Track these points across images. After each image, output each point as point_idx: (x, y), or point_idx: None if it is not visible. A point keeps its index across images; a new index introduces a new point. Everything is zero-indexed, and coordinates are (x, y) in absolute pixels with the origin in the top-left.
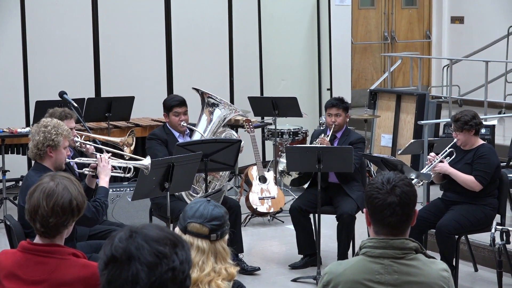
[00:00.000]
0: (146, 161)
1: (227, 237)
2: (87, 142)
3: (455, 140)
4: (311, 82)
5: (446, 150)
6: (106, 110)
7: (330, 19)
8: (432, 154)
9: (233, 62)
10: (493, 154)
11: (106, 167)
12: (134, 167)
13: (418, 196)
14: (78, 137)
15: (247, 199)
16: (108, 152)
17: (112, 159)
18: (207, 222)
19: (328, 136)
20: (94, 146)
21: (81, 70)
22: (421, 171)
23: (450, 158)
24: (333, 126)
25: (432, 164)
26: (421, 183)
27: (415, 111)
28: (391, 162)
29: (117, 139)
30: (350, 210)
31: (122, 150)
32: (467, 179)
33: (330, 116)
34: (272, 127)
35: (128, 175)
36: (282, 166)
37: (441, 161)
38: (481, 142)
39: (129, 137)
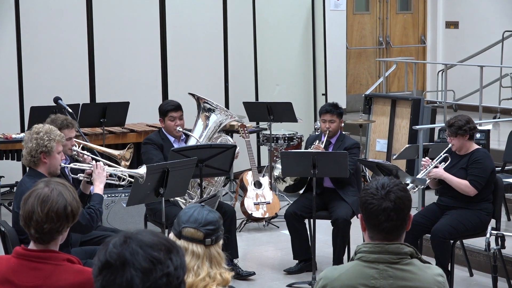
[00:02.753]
0: (141, 170)
1: (221, 242)
2: (84, 152)
3: (450, 145)
4: (306, 87)
5: (441, 156)
6: (101, 116)
7: (325, 24)
8: (426, 159)
9: (228, 67)
10: (488, 159)
11: (101, 174)
12: (129, 175)
13: (413, 201)
14: (76, 146)
15: (242, 204)
16: (104, 164)
17: (108, 164)
18: (202, 227)
19: (323, 142)
20: (91, 157)
21: (75, 76)
22: (416, 177)
23: (445, 163)
24: (327, 132)
25: (426, 169)
26: (417, 188)
27: (410, 116)
28: (386, 167)
29: (115, 152)
30: (345, 215)
31: (119, 164)
32: (461, 184)
33: (324, 122)
34: (267, 132)
35: (123, 183)
36: (277, 171)
37: (435, 167)
38: (476, 146)
39: (127, 152)
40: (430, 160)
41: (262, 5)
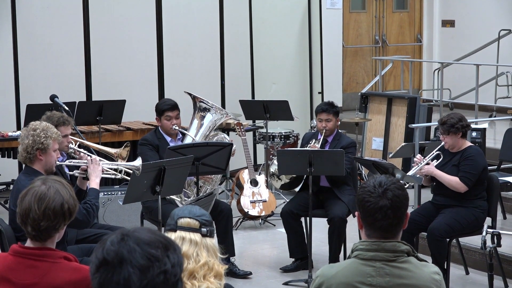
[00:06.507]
0: (137, 162)
1: (215, 240)
2: (81, 150)
3: (443, 143)
4: (303, 85)
5: (433, 153)
6: (97, 114)
7: (321, 23)
8: (419, 156)
9: (224, 65)
10: (480, 156)
11: (96, 168)
12: (125, 168)
13: (409, 199)
14: (72, 144)
15: (238, 202)
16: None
17: (102, 160)
18: (197, 217)
19: (319, 140)
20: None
21: (72, 74)
22: (408, 173)
23: (438, 161)
24: (324, 131)
25: (418, 166)
26: (407, 185)
27: (406, 114)
28: (383, 166)
29: (112, 150)
30: (341, 213)
31: (115, 161)
32: (451, 180)
33: (320, 122)
34: (264, 130)
35: (119, 176)
36: (273, 168)
37: (427, 164)
38: (469, 144)
39: (124, 150)
40: (422, 158)
41: (258, 4)
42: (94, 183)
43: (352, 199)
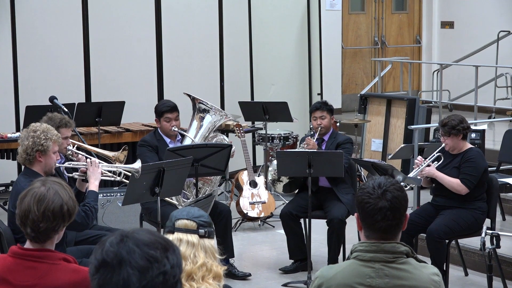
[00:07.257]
0: (137, 164)
1: (215, 240)
2: (79, 152)
3: (443, 145)
4: (302, 87)
5: (434, 155)
6: (97, 115)
7: (320, 24)
8: (420, 158)
9: (223, 67)
10: (481, 158)
11: (96, 170)
12: (124, 170)
13: (409, 200)
14: (70, 146)
15: (237, 204)
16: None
17: (102, 163)
18: (195, 218)
19: (314, 137)
20: (85, 156)
21: (71, 75)
22: (408, 175)
23: (438, 162)
24: (319, 129)
25: (419, 168)
26: (408, 187)
27: (406, 115)
28: (382, 167)
29: (109, 154)
30: (340, 215)
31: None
32: (453, 182)
33: (315, 120)
34: (263, 132)
35: (118, 179)
36: (270, 175)
37: (428, 165)
38: (469, 146)
39: (121, 154)
40: (423, 159)
41: (257, 5)
42: (93, 185)
43: (352, 200)
